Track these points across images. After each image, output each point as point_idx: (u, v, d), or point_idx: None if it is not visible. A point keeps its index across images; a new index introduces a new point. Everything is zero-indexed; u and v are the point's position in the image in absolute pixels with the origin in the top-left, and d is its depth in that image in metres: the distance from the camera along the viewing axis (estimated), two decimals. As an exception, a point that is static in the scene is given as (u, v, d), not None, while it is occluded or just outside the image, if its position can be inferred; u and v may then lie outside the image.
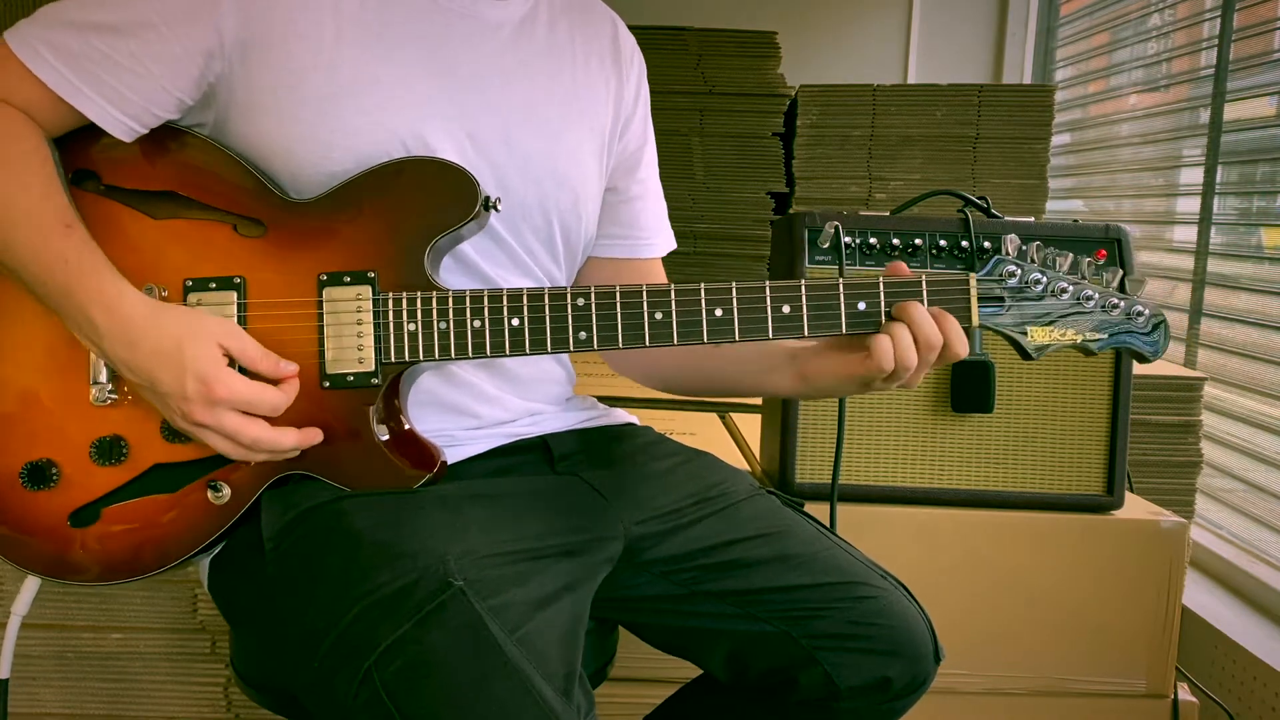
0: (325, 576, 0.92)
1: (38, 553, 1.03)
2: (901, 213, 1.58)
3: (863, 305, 1.02)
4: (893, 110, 2.77)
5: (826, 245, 1.48)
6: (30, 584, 1.25)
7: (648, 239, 1.30)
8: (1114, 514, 1.55)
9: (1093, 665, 1.57)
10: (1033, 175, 2.76)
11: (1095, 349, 1.04)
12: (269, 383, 0.98)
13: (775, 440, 1.57)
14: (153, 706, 1.70)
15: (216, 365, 0.95)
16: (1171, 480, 1.98)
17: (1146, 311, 1.03)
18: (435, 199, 1.02)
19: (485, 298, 1.01)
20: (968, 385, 1.50)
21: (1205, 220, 2.29)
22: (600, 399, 1.32)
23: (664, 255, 1.33)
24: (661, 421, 1.88)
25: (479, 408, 1.13)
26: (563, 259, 1.19)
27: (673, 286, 1.01)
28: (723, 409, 2.14)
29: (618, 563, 1.06)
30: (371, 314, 1.01)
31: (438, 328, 1.01)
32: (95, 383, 1.01)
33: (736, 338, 1.01)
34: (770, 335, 1.01)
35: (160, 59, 1.00)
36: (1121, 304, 1.03)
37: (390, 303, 1.01)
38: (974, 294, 1.02)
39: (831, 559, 1.11)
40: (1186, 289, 2.32)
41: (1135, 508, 1.59)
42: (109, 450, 1.01)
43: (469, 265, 1.10)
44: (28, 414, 1.02)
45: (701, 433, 1.95)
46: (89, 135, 1.02)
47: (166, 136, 1.04)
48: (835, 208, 2.39)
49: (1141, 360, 1.05)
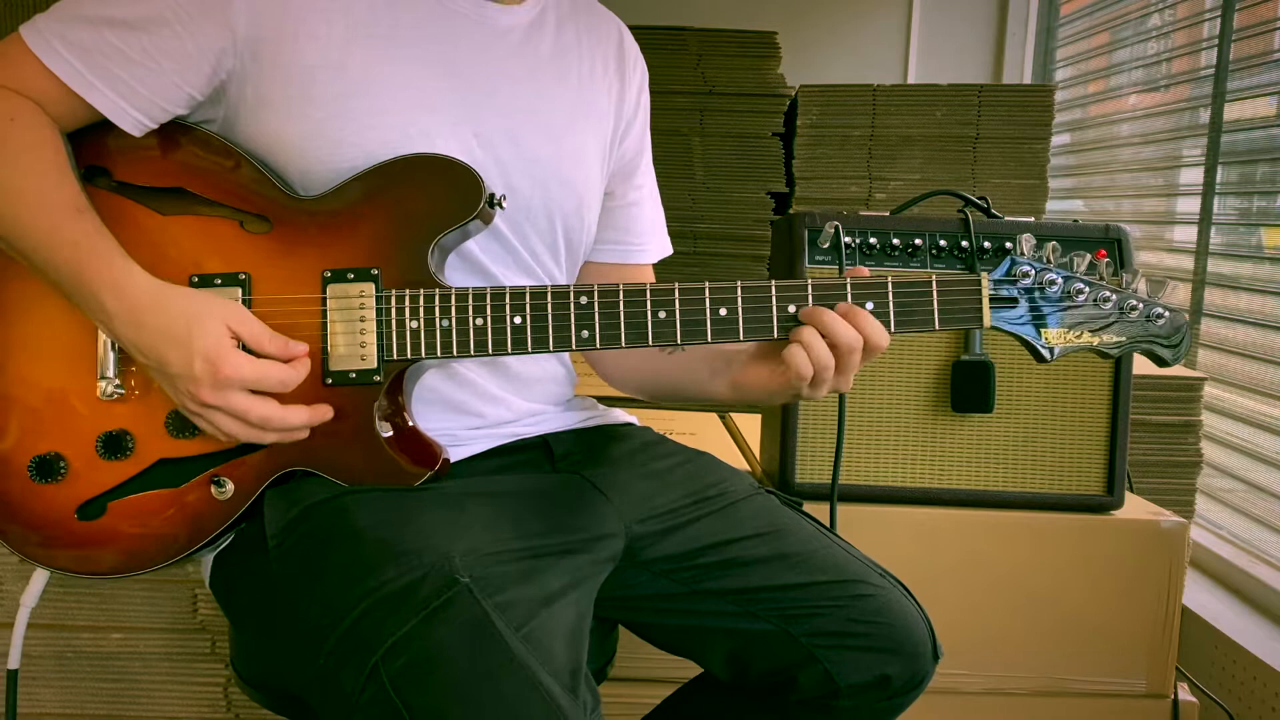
0: (329, 573, 0.93)
1: (45, 546, 1.03)
2: (901, 213, 1.58)
3: (871, 305, 1.01)
4: (893, 110, 2.77)
5: (826, 245, 1.48)
6: (39, 576, 1.26)
7: (642, 245, 1.30)
8: (1114, 514, 1.55)
9: (1093, 665, 1.57)
10: (1033, 175, 2.76)
11: (1113, 352, 1.00)
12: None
13: (775, 440, 1.57)
14: (153, 706, 1.70)
15: (223, 346, 0.95)
16: (1171, 480, 1.98)
17: (1167, 314, 1.00)
18: (439, 196, 1.02)
19: (488, 295, 1.01)
20: (968, 385, 1.50)
21: (1205, 220, 2.29)
22: (600, 399, 1.32)
23: (658, 261, 1.33)
24: (661, 421, 1.88)
25: (483, 407, 1.13)
26: (564, 261, 1.20)
27: (676, 285, 1.01)
28: (723, 409, 2.14)
29: (618, 561, 1.06)
30: (375, 311, 1.01)
31: (440, 325, 1.01)
32: (103, 377, 1.02)
33: (741, 337, 1.01)
34: (775, 335, 1.01)
35: (173, 55, 1.00)
36: (1140, 306, 1.00)
37: (393, 300, 1.01)
38: (986, 295, 1.00)
39: (830, 558, 1.11)
40: (1187, 289, 2.32)
41: (1135, 508, 1.59)
42: (115, 444, 1.02)
43: (474, 264, 1.10)
44: (36, 408, 1.03)
45: (701, 433, 1.95)
46: (99, 131, 1.03)
47: (176, 132, 1.05)
48: (835, 208, 2.39)
49: (1161, 364, 1.01)
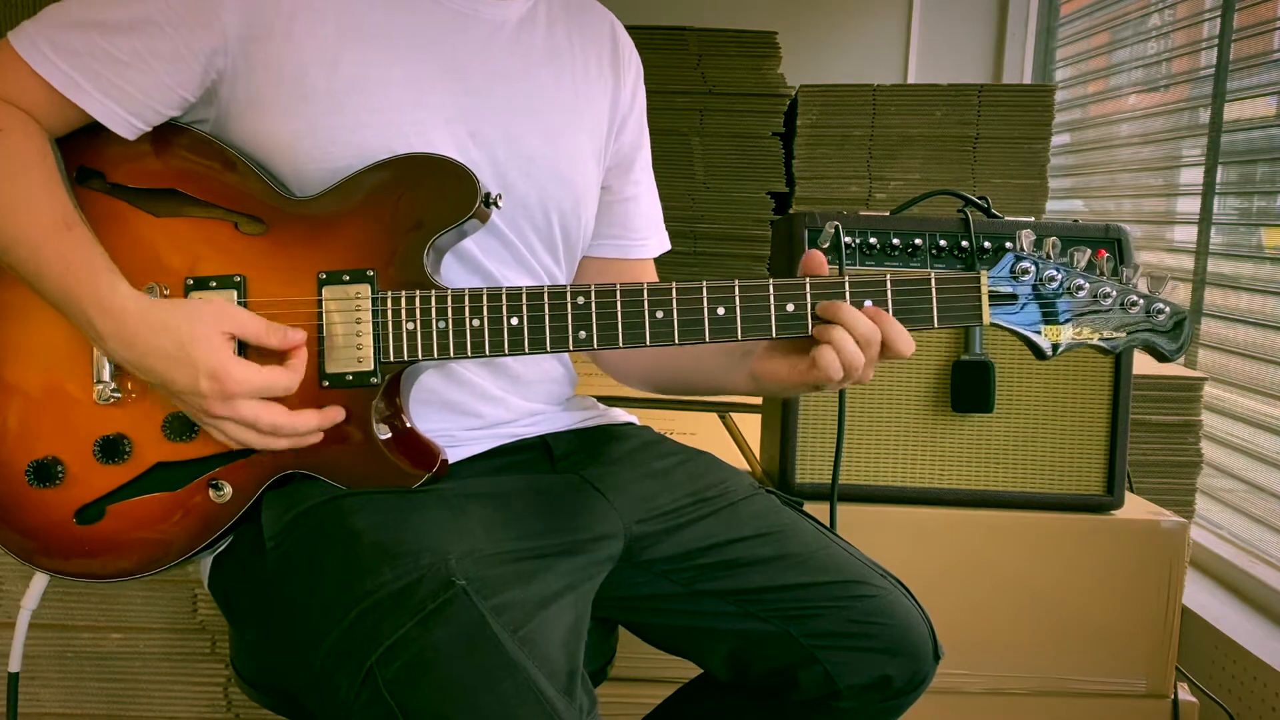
0: (326, 575, 0.92)
1: (44, 550, 1.03)
2: (901, 213, 1.58)
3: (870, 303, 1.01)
4: (893, 110, 2.77)
5: (826, 245, 1.47)
6: (39, 579, 1.25)
7: (640, 240, 1.30)
8: (1114, 514, 1.55)
9: (1093, 665, 1.57)
10: (1033, 175, 2.76)
11: (1113, 349, 1.00)
12: (278, 360, 0.98)
13: (775, 440, 1.57)
14: (153, 706, 1.70)
15: (224, 357, 0.94)
16: (1171, 480, 1.97)
17: (1167, 309, 1.00)
18: (435, 196, 1.01)
19: (484, 297, 1.00)
20: (968, 385, 1.50)
21: (1205, 220, 2.29)
22: (600, 399, 1.32)
23: (657, 256, 1.33)
24: (661, 421, 1.88)
25: (481, 408, 1.13)
26: (562, 257, 1.19)
27: (674, 285, 1.00)
28: (723, 409, 2.13)
29: (618, 562, 1.06)
30: (370, 313, 1.00)
31: (436, 327, 1.00)
32: (99, 381, 1.01)
33: (739, 337, 1.01)
34: (774, 335, 1.01)
35: (164, 57, 1.00)
36: (1141, 301, 1.00)
37: (389, 301, 1.00)
38: (985, 292, 1.00)
39: (831, 558, 1.11)
40: (1186, 289, 2.32)
41: (1135, 508, 1.58)
42: (113, 448, 1.01)
43: (471, 261, 1.10)
44: (33, 412, 1.02)
45: (701, 433, 1.94)
46: (92, 133, 1.02)
47: (169, 134, 1.04)
48: (835, 208, 2.39)
49: (1162, 359, 1.02)
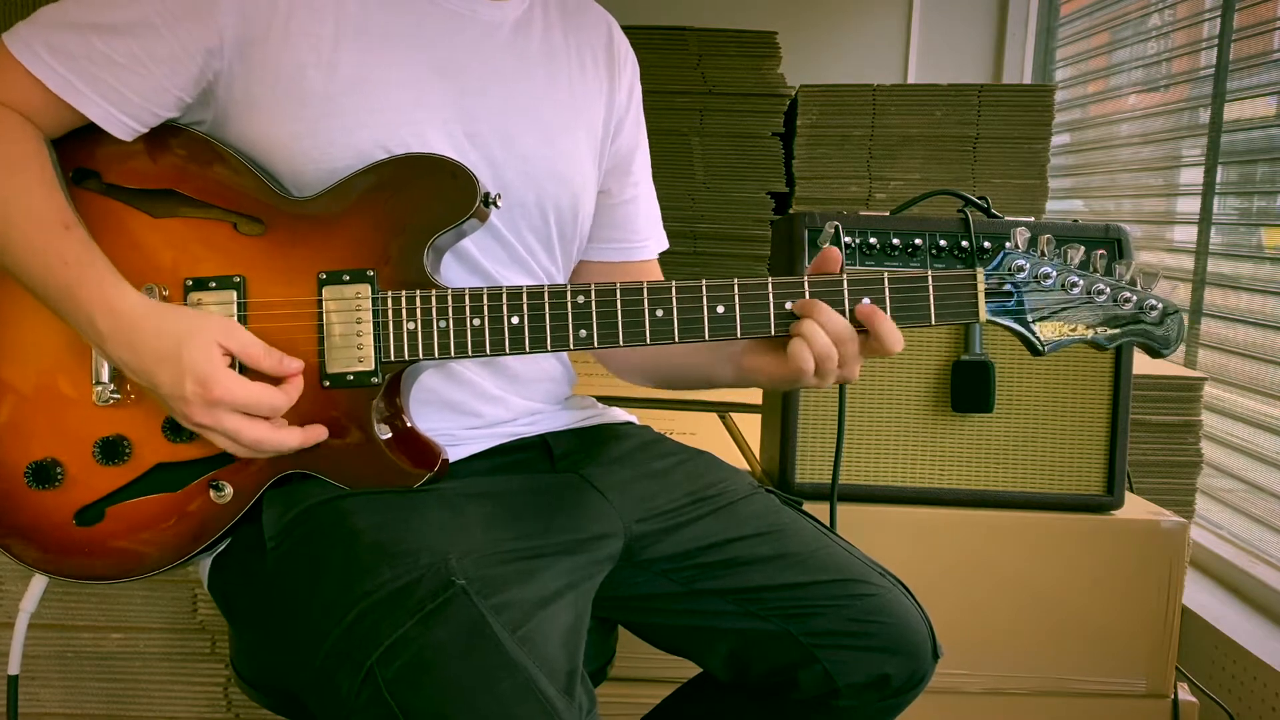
0: (327, 575, 0.92)
1: (44, 552, 1.03)
2: (901, 213, 1.58)
3: (868, 301, 1.01)
4: (893, 110, 2.77)
5: (826, 245, 1.47)
6: (38, 581, 1.25)
7: (641, 241, 1.30)
8: (1114, 514, 1.55)
9: (1093, 665, 1.57)
10: (1033, 175, 2.76)
11: (1107, 343, 1.02)
12: (273, 381, 0.98)
13: (775, 440, 1.57)
14: (153, 706, 1.70)
15: (214, 366, 0.94)
16: (1171, 480, 1.97)
17: (1160, 305, 1.02)
18: (434, 196, 1.01)
19: (485, 296, 1.00)
20: (968, 385, 1.50)
21: (1205, 220, 2.29)
22: (600, 399, 1.32)
23: (657, 255, 1.33)
24: (661, 421, 1.88)
25: (481, 407, 1.13)
26: (559, 257, 1.19)
27: (674, 283, 1.01)
28: (723, 409, 2.13)
29: (617, 561, 1.06)
30: (371, 313, 1.00)
31: (437, 326, 1.00)
32: (98, 382, 1.01)
33: (738, 335, 1.01)
34: (772, 333, 1.01)
35: (161, 58, 1.00)
36: (1134, 297, 1.01)
37: (389, 301, 1.00)
38: (981, 289, 1.01)
39: (830, 557, 1.11)
40: (1186, 289, 2.32)
41: (1135, 508, 1.58)
42: (112, 450, 1.01)
43: (470, 261, 1.10)
44: (32, 414, 1.02)
45: (701, 433, 1.94)
46: (88, 134, 1.02)
47: (167, 135, 1.04)
48: (835, 208, 2.39)
49: (1154, 354, 1.04)
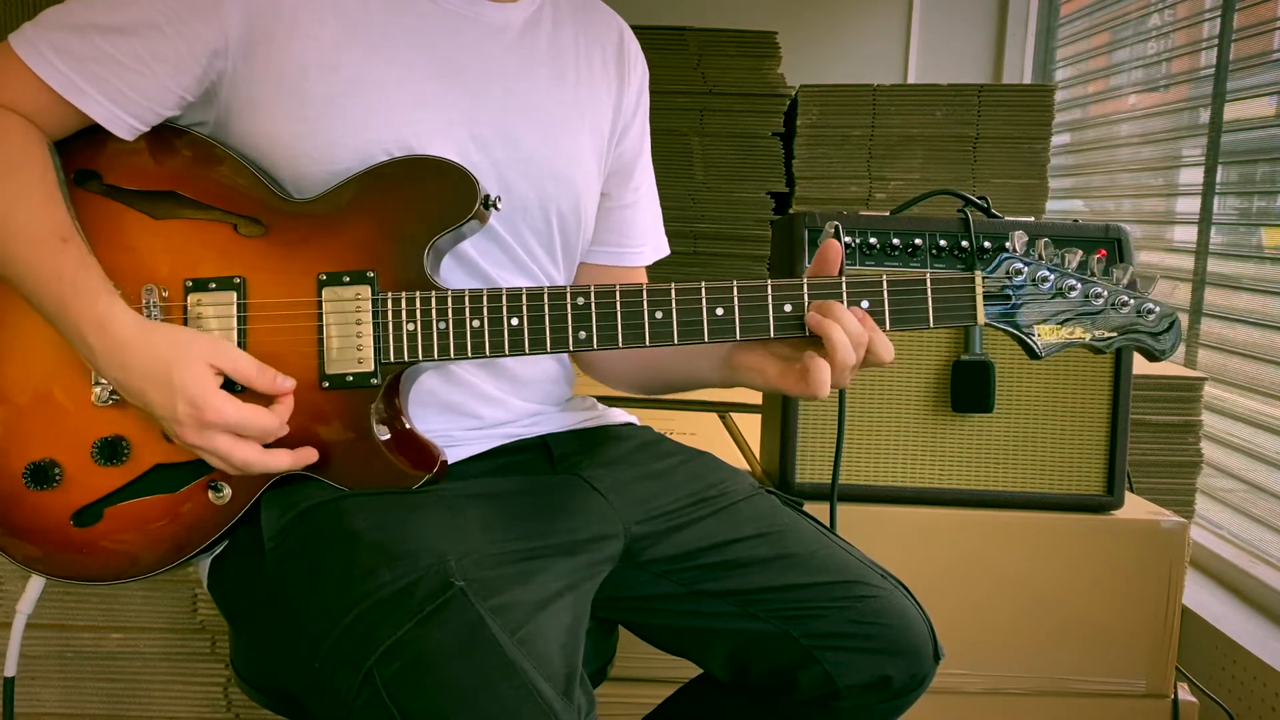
0: (325, 576, 0.92)
1: (41, 553, 1.03)
2: (901, 213, 1.58)
3: (866, 304, 1.01)
4: (893, 110, 2.77)
5: (827, 239, 1.47)
6: (35, 582, 1.25)
7: (637, 247, 1.30)
8: (1114, 514, 1.55)
9: (1093, 665, 1.57)
10: (1033, 175, 2.77)
11: (1104, 348, 1.02)
12: (265, 401, 0.98)
13: (775, 440, 1.57)
14: (153, 706, 1.70)
15: (205, 388, 0.94)
16: (1171, 480, 1.97)
17: (1157, 309, 1.01)
18: (434, 198, 1.01)
19: (484, 297, 1.00)
20: (968, 385, 1.50)
21: (1205, 220, 2.29)
22: (600, 399, 1.32)
23: (654, 262, 1.32)
24: (661, 421, 1.88)
25: (480, 408, 1.13)
26: (561, 260, 1.19)
27: (673, 285, 1.00)
28: (723, 409, 2.13)
29: (618, 562, 1.06)
30: (370, 314, 1.00)
31: (437, 328, 1.00)
32: (97, 383, 1.01)
33: (738, 336, 1.01)
34: (772, 334, 1.01)
35: (164, 59, 1.00)
36: (1131, 301, 1.01)
37: (389, 302, 1.00)
38: (979, 292, 1.01)
39: (831, 558, 1.11)
40: (1186, 289, 2.32)
41: (1135, 508, 1.58)
42: (111, 450, 1.01)
43: (469, 264, 1.10)
44: (30, 414, 1.02)
45: (701, 433, 1.94)
46: (90, 134, 1.02)
47: (168, 135, 1.04)
48: (835, 208, 2.39)
49: (1152, 359, 1.03)
